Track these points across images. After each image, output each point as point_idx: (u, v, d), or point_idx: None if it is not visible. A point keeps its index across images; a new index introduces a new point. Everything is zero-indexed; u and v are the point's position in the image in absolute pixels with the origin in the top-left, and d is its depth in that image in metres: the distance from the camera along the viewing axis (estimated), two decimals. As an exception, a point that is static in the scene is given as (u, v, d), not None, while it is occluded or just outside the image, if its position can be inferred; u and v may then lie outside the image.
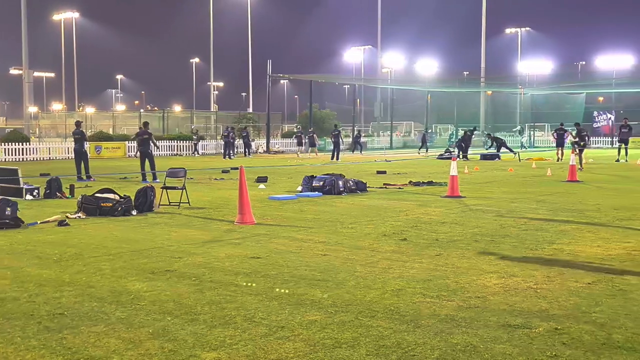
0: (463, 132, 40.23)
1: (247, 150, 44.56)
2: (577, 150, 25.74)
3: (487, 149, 41.19)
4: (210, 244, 9.46)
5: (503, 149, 38.26)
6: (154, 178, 20.61)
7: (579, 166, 25.96)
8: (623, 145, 32.29)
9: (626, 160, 31.44)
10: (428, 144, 49.01)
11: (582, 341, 5.09)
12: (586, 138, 31.01)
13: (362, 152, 46.88)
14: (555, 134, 35.81)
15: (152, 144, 21.60)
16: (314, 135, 42.73)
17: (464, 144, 37.70)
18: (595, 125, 61.51)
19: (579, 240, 9.64)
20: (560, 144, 34.27)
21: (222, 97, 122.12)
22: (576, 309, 5.95)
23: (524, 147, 52.95)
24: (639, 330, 5.34)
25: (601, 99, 73.88)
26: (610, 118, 61.40)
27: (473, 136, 40.63)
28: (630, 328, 5.40)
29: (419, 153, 45.02)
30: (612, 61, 73.93)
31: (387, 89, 69.61)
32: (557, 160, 31.80)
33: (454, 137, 51.67)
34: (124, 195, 13.11)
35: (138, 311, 5.99)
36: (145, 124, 22.42)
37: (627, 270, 7.56)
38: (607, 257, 8.34)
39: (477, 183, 19.90)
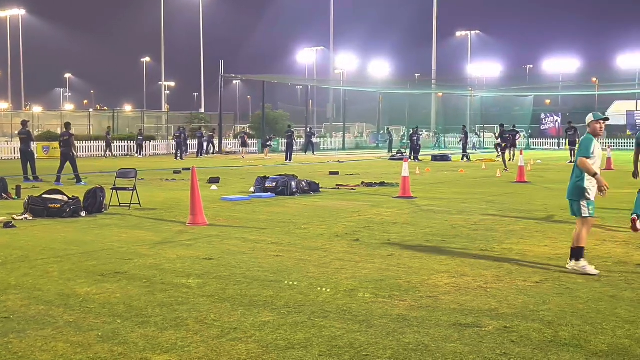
0: (412, 131, 40.73)
1: (200, 151, 44.24)
2: (499, 151, 26.24)
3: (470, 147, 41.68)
4: (161, 246, 9.35)
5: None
6: (78, 180, 20.02)
7: (505, 167, 26.50)
8: (572, 148, 33.04)
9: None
10: (380, 145, 49.32)
11: (531, 339, 5.19)
12: (509, 139, 31.78)
13: (315, 153, 46.89)
14: (508, 136, 36.61)
15: (71, 146, 20.80)
16: (271, 137, 42.97)
17: (411, 144, 38.27)
18: (542, 127, 62.75)
19: (527, 240, 9.82)
20: (512, 144, 35.17)
21: (173, 97, 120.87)
22: (525, 308, 6.06)
23: (475, 148, 53.82)
24: (585, 327, 5.47)
25: (548, 101, 75.53)
26: (557, 120, 62.69)
27: (420, 136, 40.95)
28: (576, 325, 5.52)
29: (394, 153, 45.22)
30: (558, 64, 75.74)
31: (339, 90, 69.87)
32: (510, 160, 32.33)
33: (406, 138, 52.17)
34: (73, 196, 12.87)
35: (87, 314, 5.88)
36: (67, 124, 21.62)
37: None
38: (554, 256, 8.52)
39: (428, 184, 20.12)
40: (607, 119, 7.81)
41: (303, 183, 16.88)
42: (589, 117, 7.81)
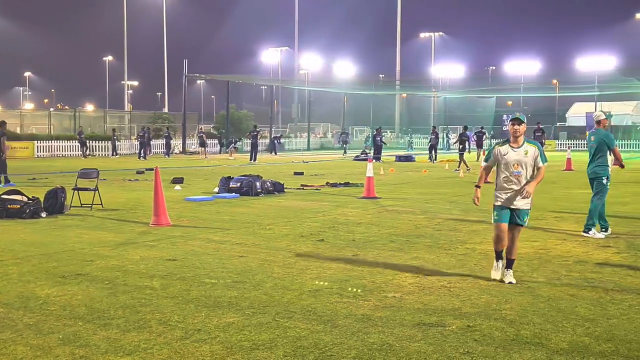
0: (375, 131, 40.96)
1: (168, 151, 43.91)
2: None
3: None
4: (124, 246, 9.24)
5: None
6: (6, 182, 19.46)
7: (466, 167, 26.79)
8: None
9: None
10: (346, 145, 49.43)
11: (493, 337, 5.25)
12: (467, 142, 32.20)
13: (277, 154, 46.74)
14: (474, 137, 37.29)
15: (2, 145, 19.89)
16: (235, 140, 42.98)
17: (374, 145, 38.52)
18: (504, 128, 63.54)
19: (490, 240, 9.90)
20: (479, 145, 35.78)
21: (136, 97, 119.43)
22: (487, 307, 6.13)
23: (446, 148, 54.61)
24: (546, 326, 5.55)
25: (510, 102, 76.55)
26: (518, 121, 63.50)
27: (382, 136, 41.12)
28: (537, 324, 5.60)
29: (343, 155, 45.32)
30: (520, 66, 76.82)
31: (304, 90, 69.91)
32: (477, 160, 32.67)
33: (370, 139, 52.42)
34: (33, 196, 12.65)
35: (47, 317, 5.79)
36: (2, 123, 20.40)
37: (534, 269, 7.84)
38: (516, 256, 8.60)
39: (392, 184, 20.23)
40: (516, 119, 7.18)
41: (267, 183, 16.85)
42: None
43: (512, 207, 7.28)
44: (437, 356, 4.83)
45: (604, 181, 10.29)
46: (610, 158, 10.40)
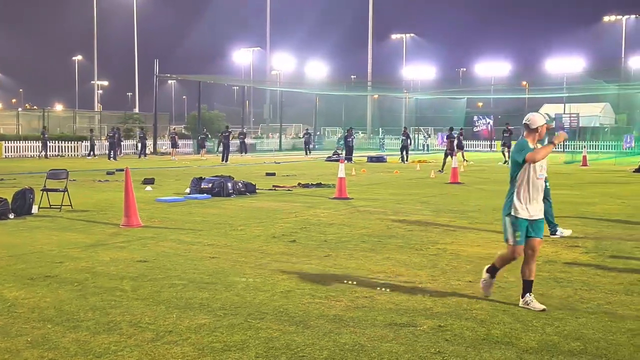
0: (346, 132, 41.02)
1: (142, 151, 43.59)
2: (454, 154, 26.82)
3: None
4: (94, 248, 9.15)
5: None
6: None
7: (440, 169, 27.04)
8: (506, 149, 33.84)
9: (508, 163, 32.93)
10: (316, 146, 49.48)
11: (464, 337, 5.29)
12: (453, 143, 32.43)
13: (245, 154, 46.48)
14: (447, 140, 37.42)
15: None
16: (205, 135, 42.77)
17: (346, 145, 38.60)
18: (475, 129, 64.14)
19: (461, 240, 10.01)
20: (459, 146, 35.97)
21: (106, 97, 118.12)
22: (458, 307, 6.18)
23: (426, 149, 55.34)
24: (516, 325, 5.60)
25: (481, 104, 77.24)
26: (489, 122, 64.22)
27: (354, 138, 41.18)
28: (508, 323, 5.65)
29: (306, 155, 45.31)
30: (490, 68, 77.54)
31: (276, 91, 69.80)
32: (464, 161, 32.91)
33: (342, 140, 52.54)
34: (0, 197, 12.46)
35: (15, 319, 5.71)
36: None
37: (505, 269, 7.90)
38: (487, 256, 8.69)
39: (364, 185, 20.28)
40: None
41: (239, 184, 16.79)
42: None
43: (530, 219, 6.22)
44: (409, 356, 4.86)
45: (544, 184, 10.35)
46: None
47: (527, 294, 6.21)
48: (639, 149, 47.96)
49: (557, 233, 10.24)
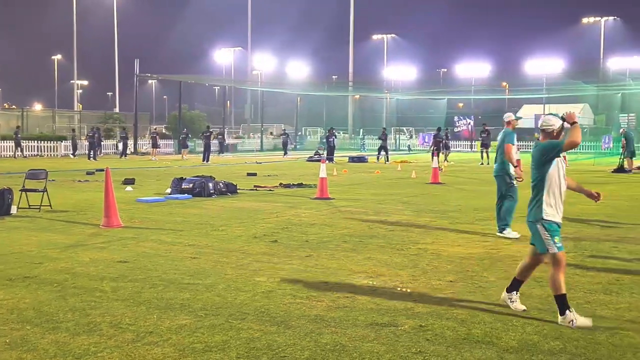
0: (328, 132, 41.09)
1: (124, 151, 43.33)
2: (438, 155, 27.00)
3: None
4: (73, 249, 9.08)
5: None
6: None
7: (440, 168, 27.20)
8: (484, 150, 34.05)
9: (487, 164, 33.08)
10: (298, 146, 49.43)
11: (445, 337, 5.31)
12: (441, 143, 32.66)
13: (223, 154, 46.30)
14: (433, 140, 37.74)
15: None
16: (187, 135, 42.65)
17: (327, 146, 38.72)
18: (456, 129, 64.40)
19: (441, 240, 10.05)
20: (446, 147, 36.32)
21: (86, 97, 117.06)
22: (439, 306, 6.20)
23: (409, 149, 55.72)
24: (497, 324, 5.64)
25: (461, 104, 77.56)
26: (469, 123, 64.54)
27: (335, 138, 41.20)
28: (488, 323, 5.69)
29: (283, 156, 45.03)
30: (471, 69, 77.93)
31: (257, 91, 69.67)
32: (445, 161, 33.10)
33: (324, 140, 52.61)
34: (-22, 198, 12.33)
35: (-6, 321, 5.65)
36: None
37: (486, 268, 7.96)
38: (467, 255, 8.75)
39: (345, 185, 20.31)
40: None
41: (220, 184, 16.74)
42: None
43: (560, 224, 6.00)
44: (390, 356, 4.87)
45: (507, 180, 10.39)
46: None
47: (515, 292, 6.15)
48: (617, 149, 48.46)
49: (504, 232, 10.25)
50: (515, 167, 10.34)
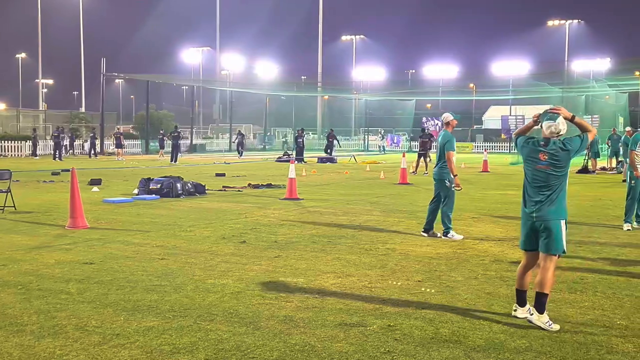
0: (297, 133, 41.11)
1: (91, 151, 42.78)
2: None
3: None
4: (38, 250, 8.95)
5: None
6: None
7: (425, 170, 27.27)
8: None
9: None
10: (267, 147, 49.30)
11: (413, 336, 5.34)
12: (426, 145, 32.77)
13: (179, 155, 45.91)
14: (420, 140, 37.61)
15: None
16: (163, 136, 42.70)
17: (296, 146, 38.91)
18: (430, 129, 64.86)
19: (410, 240, 10.11)
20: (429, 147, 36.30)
21: (52, 96, 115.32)
22: (407, 306, 6.24)
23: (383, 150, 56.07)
24: (464, 324, 5.69)
25: (429, 105, 78.12)
26: (437, 124, 64.98)
27: (304, 137, 41.17)
28: (456, 322, 5.73)
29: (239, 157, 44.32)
30: (438, 70, 78.50)
31: (226, 91, 69.36)
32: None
33: (293, 140, 52.57)
34: (-60, 198, 12.10)
35: (-44, 324, 5.54)
36: None
37: (453, 268, 8.03)
38: (435, 255, 8.81)
39: (314, 185, 20.32)
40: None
41: (189, 185, 16.64)
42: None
43: None
44: (359, 356, 4.89)
45: (447, 184, 10.28)
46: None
47: (527, 305, 5.87)
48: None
49: (448, 235, 10.24)
50: (454, 176, 10.24)
